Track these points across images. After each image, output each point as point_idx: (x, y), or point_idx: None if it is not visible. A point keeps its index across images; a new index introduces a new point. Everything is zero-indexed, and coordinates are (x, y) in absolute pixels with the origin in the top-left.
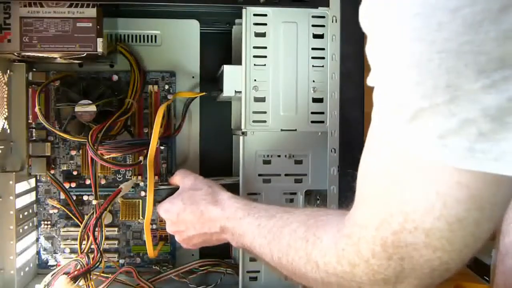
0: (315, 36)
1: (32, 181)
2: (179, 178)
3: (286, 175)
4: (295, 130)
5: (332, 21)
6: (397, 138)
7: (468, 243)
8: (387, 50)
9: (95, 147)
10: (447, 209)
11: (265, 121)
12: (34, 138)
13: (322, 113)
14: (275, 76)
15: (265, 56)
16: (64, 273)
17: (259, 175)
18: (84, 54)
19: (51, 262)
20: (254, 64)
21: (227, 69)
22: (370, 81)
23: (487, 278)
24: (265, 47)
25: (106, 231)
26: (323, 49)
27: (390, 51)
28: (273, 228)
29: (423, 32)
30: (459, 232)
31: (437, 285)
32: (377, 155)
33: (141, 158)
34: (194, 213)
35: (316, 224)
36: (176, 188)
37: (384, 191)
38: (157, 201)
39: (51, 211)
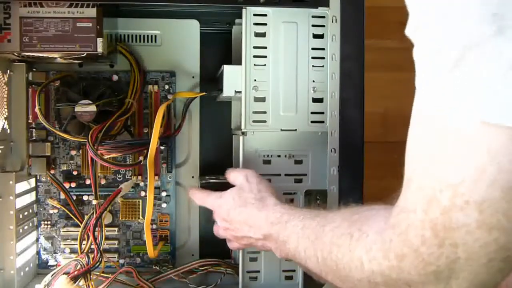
0: (315, 36)
1: (32, 181)
2: (234, 176)
3: (286, 175)
4: (295, 130)
5: (332, 21)
6: (439, 96)
7: None
8: None
9: (95, 147)
10: (502, 173)
11: (265, 121)
12: (34, 138)
13: (322, 113)
14: (275, 76)
15: (265, 56)
16: (64, 273)
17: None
18: (84, 54)
19: (51, 262)
20: (254, 64)
21: (227, 69)
22: (408, 31)
23: None
24: (265, 47)
25: (106, 231)
26: (323, 49)
27: None
28: (316, 227)
29: None
30: None
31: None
32: (420, 125)
33: (141, 158)
34: (242, 215)
35: (360, 219)
36: (224, 183)
37: (430, 165)
38: (204, 186)
39: (51, 211)
